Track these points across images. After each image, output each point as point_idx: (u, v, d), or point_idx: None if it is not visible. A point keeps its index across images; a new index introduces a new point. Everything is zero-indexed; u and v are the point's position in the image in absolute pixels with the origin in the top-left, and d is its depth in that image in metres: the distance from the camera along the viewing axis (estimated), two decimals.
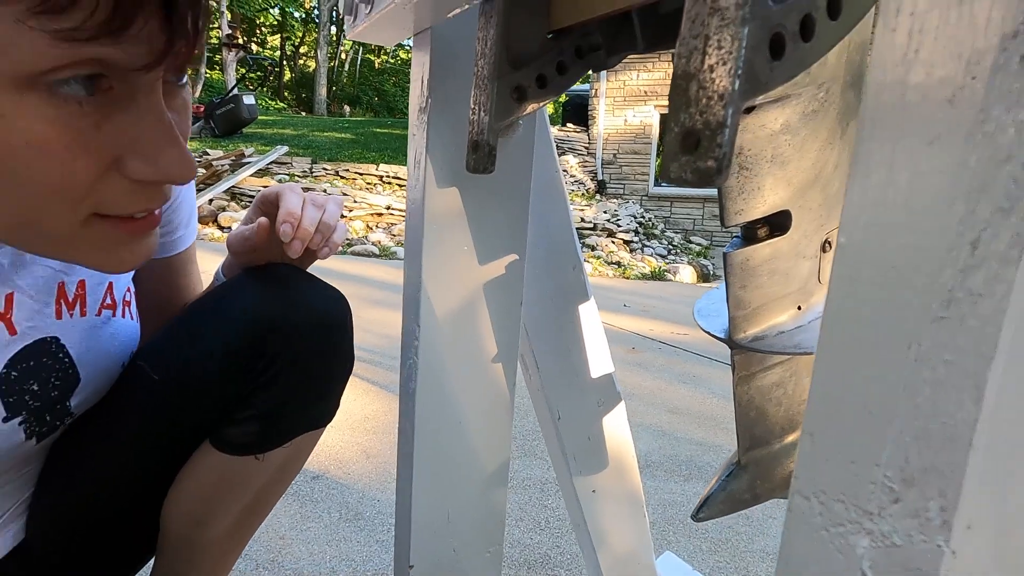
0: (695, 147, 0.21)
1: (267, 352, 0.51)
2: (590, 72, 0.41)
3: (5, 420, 0.45)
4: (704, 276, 5.48)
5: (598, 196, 7.69)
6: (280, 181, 6.05)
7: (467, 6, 0.37)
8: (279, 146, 7.16)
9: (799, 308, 0.41)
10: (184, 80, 0.37)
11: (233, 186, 5.75)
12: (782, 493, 0.46)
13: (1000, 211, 0.14)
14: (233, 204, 5.57)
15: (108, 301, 0.52)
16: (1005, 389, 0.15)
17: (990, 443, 0.15)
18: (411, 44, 0.48)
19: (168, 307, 0.63)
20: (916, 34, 0.15)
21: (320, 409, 0.58)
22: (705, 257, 6.36)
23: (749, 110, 0.34)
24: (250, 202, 5.60)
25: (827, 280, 0.43)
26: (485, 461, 0.54)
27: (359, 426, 1.59)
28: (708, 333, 0.42)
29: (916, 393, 0.16)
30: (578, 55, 0.38)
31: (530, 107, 0.37)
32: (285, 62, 22.42)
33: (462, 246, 0.48)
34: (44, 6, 0.27)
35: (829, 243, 0.42)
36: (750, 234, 0.39)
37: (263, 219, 0.54)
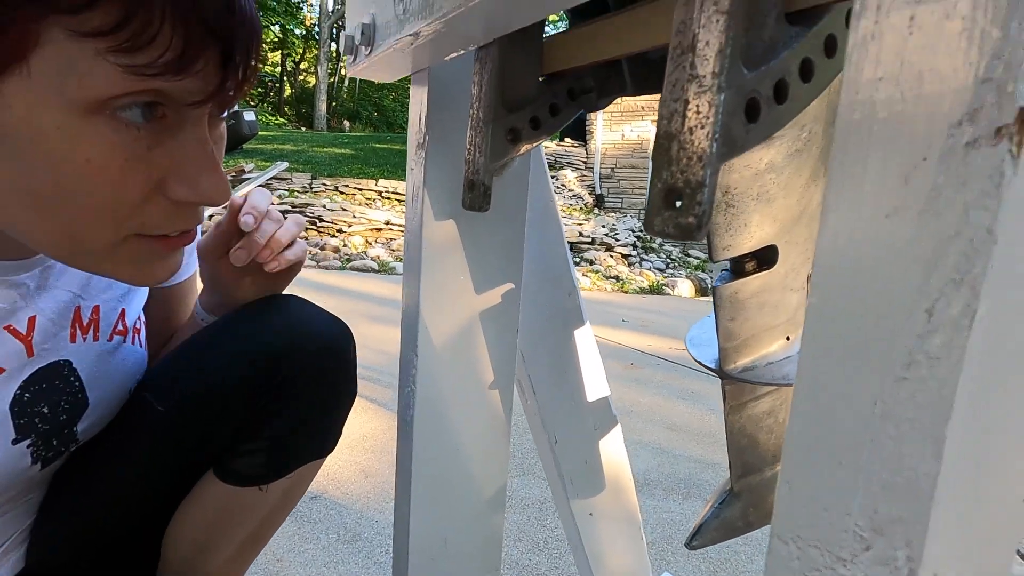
0: (677, 203, 0.22)
1: (272, 383, 0.52)
2: None
3: (14, 442, 0.46)
4: (702, 290, 5.49)
5: (596, 210, 7.73)
6: (280, 197, 6.08)
7: (463, 51, 0.38)
8: (279, 162, 7.20)
9: (788, 339, 0.42)
10: (225, 114, 0.40)
11: None
12: None
13: (952, 282, 0.15)
14: None
15: (120, 327, 0.53)
16: (963, 446, 0.16)
17: (951, 496, 0.16)
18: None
19: (164, 333, 0.64)
20: (874, 117, 0.16)
21: (324, 439, 0.58)
22: (703, 271, 6.37)
23: None
24: None
25: None
26: (482, 487, 0.55)
27: (357, 445, 1.58)
28: (699, 363, 0.43)
29: (882, 448, 0.17)
30: (571, 97, 0.39)
31: (524, 148, 0.38)
32: (285, 78, 22.64)
33: (459, 276, 0.49)
34: (126, 44, 0.31)
35: None
36: (738, 268, 0.40)
37: (235, 198, 0.54)
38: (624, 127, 8.02)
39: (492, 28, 0.34)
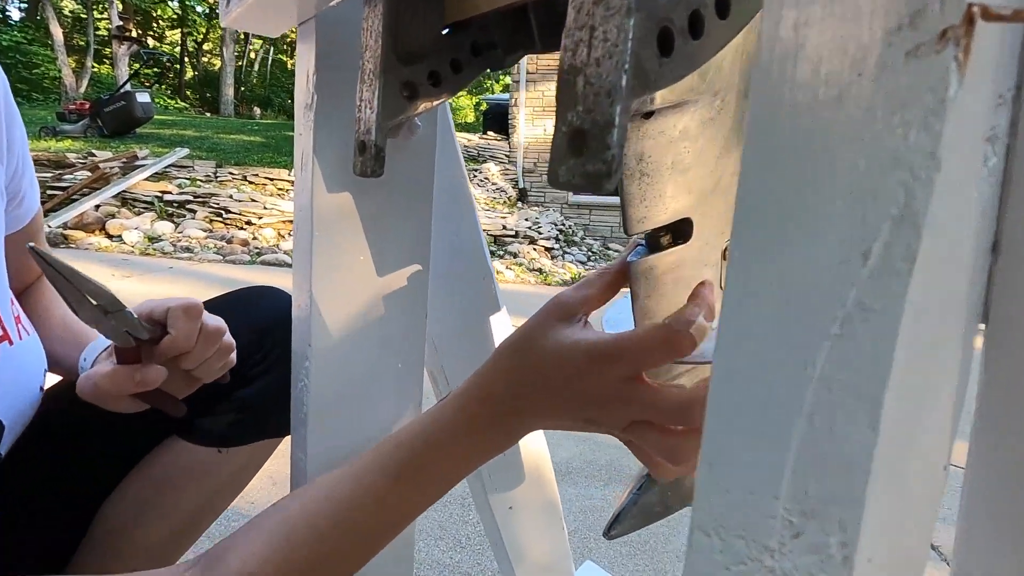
0: (583, 149, 0.19)
1: (257, 353, 0.56)
2: (511, 83, 0.39)
3: None
4: None
5: (520, 204, 7.78)
6: (180, 186, 5.61)
7: None
8: (179, 148, 6.64)
9: None
10: None
11: (124, 190, 5.26)
12: (692, 500, 0.46)
13: (891, 219, 0.13)
14: (124, 211, 5.09)
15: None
16: (900, 412, 0.13)
17: (886, 470, 0.14)
18: None
19: (28, 281, 0.59)
20: (801, 27, 0.14)
21: (287, 418, 0.58)
22: None
23: (648, 115, 0.34)
24: (144, 208, 5.15)
25: None
26: None
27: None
28: None
29: (813, 417, 0.14)
30: (474, 52, 0.35)
31: (422, 106, 0.34)
32: (187, 59, 20.94)
33: (358, 256, 0.44)
34: None
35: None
36: (654, 242, 0.38)
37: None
38: (546, 122, 8.10)
39: None
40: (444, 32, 0.35)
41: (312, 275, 0.43)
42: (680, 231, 0.39)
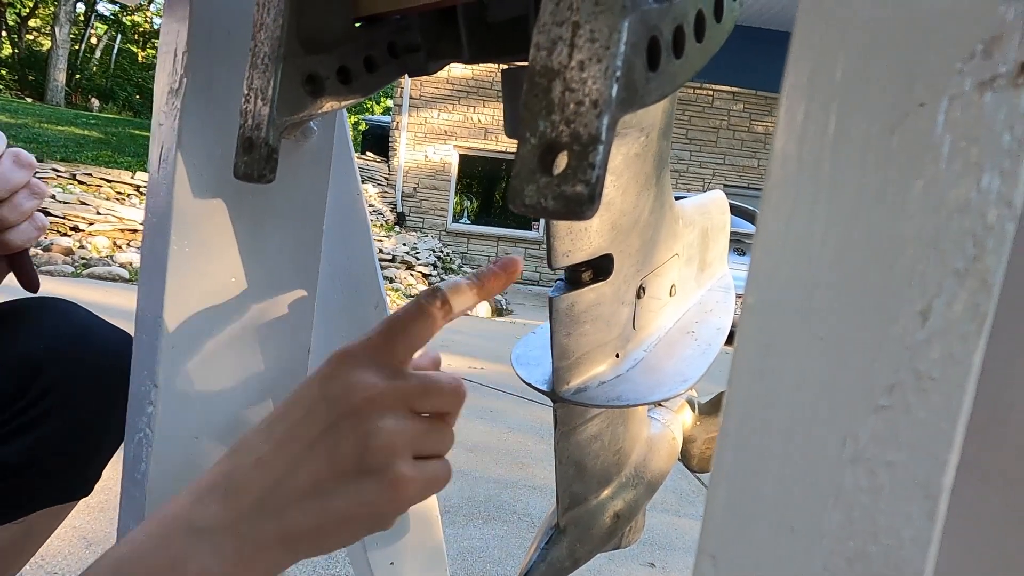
0: (560, 166, 0.16)
1: (28, 392, 0.41)
2: (393, 106, 0.35)
3: None
4: (498, 311, 5.75)
5: (397, 228, 7.63)
6: None
7: None
8: None
9: (617, 356, 0.40)
10: None
11: None
12: (600, 551, 0.44)
13: (954, 273, 0.11)
14: None
15: None
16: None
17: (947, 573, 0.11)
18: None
19: None
20: (851, 46, 0.12)
21: (79, 474, 0.46)
22: (500, 293, 6.70)
23: None
24: None
25: (641, 326, 0.42)
26: None
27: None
28: (530, 385, 0.38)
29: (851, 503, 0.12)
30: (392, 53, 0.31)
31: (328, 105, 0.29)
32: (4, 33, 17.83)
33: (227, 276, 0.37)
34: None
35: (643, 289, 0.41)
36: (575, 277, 0.36)
37: None
38: (427, 148, 8.10)
39: None
40: (357, 25, 0.31)
41: (164, 295, 0.35)
42: (601, 267, 0.37)
